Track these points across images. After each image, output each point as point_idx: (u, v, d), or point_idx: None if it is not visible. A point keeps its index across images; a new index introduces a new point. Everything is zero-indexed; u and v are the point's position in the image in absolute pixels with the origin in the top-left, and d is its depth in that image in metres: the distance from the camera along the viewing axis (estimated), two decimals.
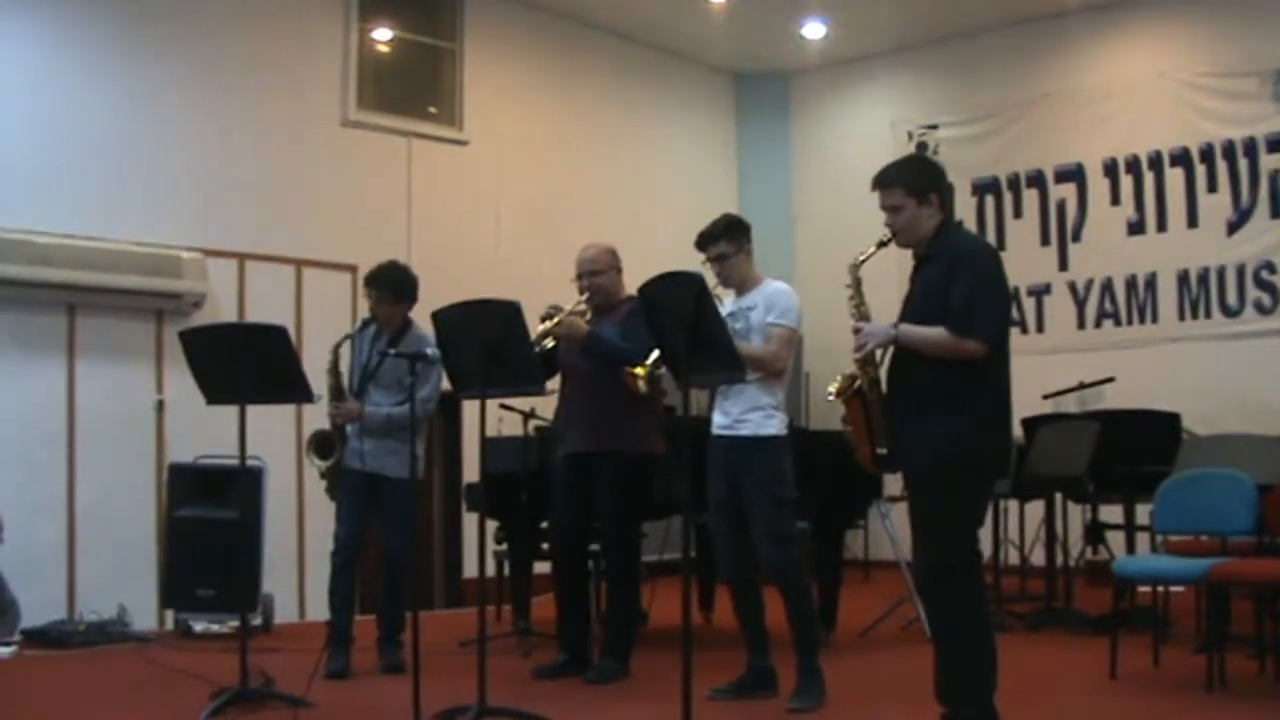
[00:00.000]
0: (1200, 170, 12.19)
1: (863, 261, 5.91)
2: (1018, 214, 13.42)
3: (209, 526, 9.22)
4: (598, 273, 7.78)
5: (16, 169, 9.67)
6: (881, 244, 5.84)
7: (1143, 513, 8.99)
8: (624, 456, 7.58)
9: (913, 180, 5.74)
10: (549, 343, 7.44)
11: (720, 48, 14.49)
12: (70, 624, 9.29)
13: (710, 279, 6.39)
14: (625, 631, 7.81)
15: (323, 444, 8.00)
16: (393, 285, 8.07)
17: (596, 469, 7.63)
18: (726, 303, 6.89)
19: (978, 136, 13.70)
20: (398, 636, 8.02)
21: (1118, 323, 12.70)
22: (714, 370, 5.94)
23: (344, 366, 8.07)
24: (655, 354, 6.54)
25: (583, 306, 7.64)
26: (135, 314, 10.16)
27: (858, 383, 5.78)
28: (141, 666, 8.32)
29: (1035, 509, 10.29)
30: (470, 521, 11.16)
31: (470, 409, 9.95)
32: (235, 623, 8.48)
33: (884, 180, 5.80)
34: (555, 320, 7.26)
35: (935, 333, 5.51)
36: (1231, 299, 11.98)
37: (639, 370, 7.03)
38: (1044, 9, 13.10)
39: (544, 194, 12.90)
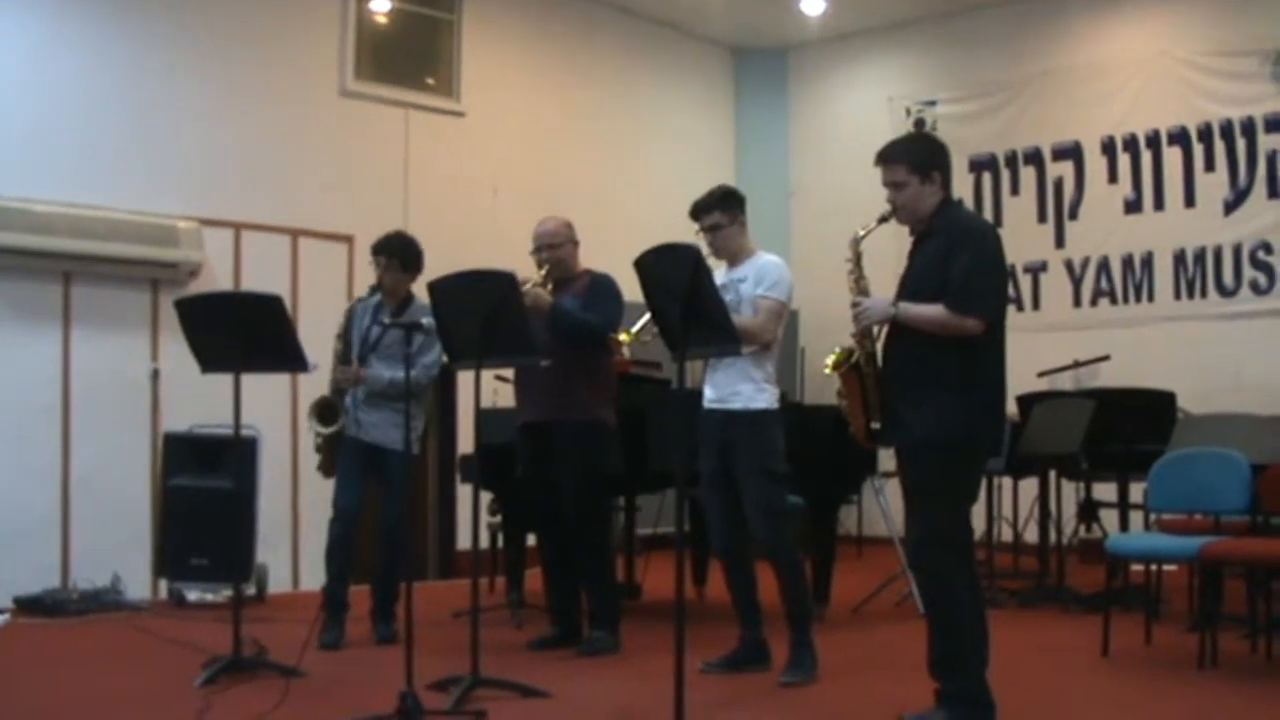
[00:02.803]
0: (1198, 150, 12.17)
1: (863, 237, 5.89)
2: (1015, 191, 13.41)
3: (203, 496, 9.24)
4: (556, 245, 7.81)
5: (14, 138, 9.65)
6: (882, 219, 5.82)
7: (1136, 491, 8.98)
8: (575, 425, 7.61)
9: (916, 157, 5.72)
10: None
11: (719, 21, 14.46)
12: (64, 592, 9.31)
13: (703, 249, 6.37)
14: (608, 601, 7.83)
15: (325, 410, 8.01)
16: (400, 253, 8.09)
17: (550, 437, 7.66)
18: (718, 274, 6.85)
19: (976, 113, 13.68)
20: (392, 608, 8.04)
21: (1114, 301, 12.70)
22: (709, 343, 5.93)
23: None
24: (644, 320, 6.53)
25: (541, 279, 7.66)
26: (131, 283, 10.15)
27: (854, 357, 5.77)
28: (135, 635, 8.35)
29: (1029, 486, 10.28)
30: (464, 493, 11.16)
31: (465, 380, 9.94)
32: (229, 592, 8.50)
33: (887, 156, 5.78)
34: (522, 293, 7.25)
35: (934, 310, 5.50)
36: (1228, 279, 11.97)
37: (623, 337, 7.04)
38: None
39: (541, 166, 12.89)
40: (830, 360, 5.88)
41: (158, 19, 10.46)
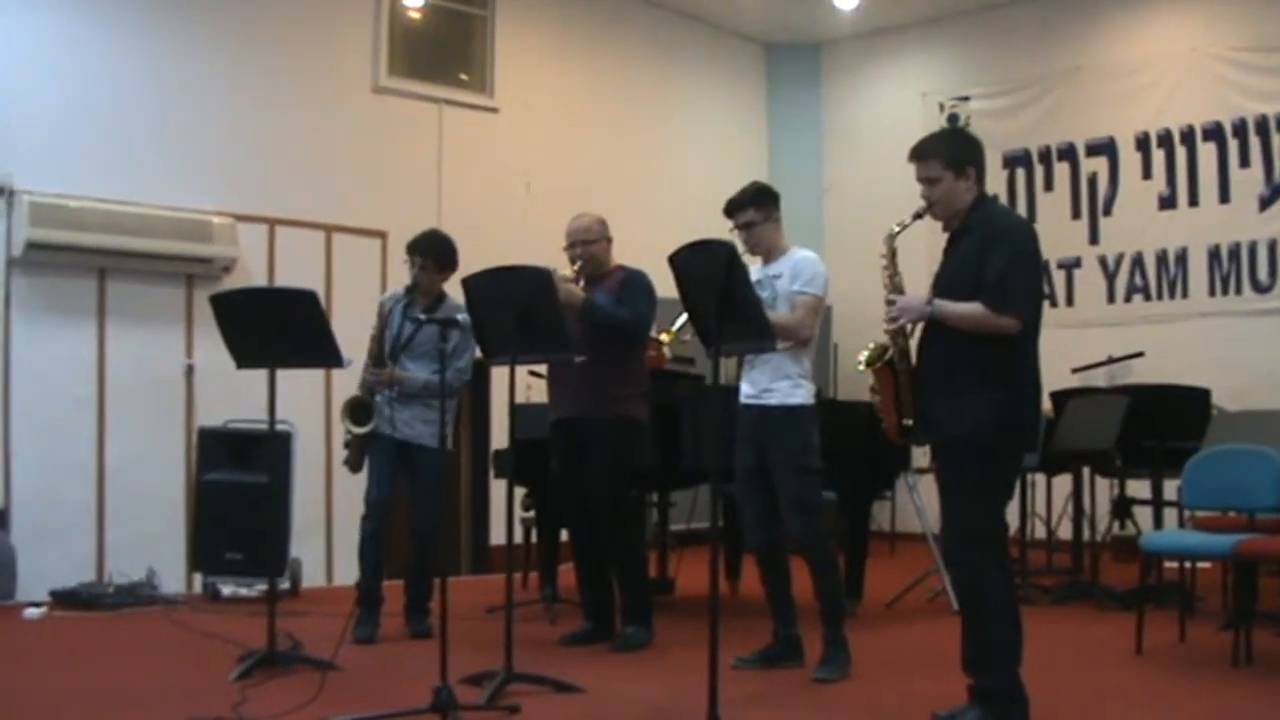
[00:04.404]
0: (1233, 145, 12.12)
1: (898, 233, 5.89)
2: (1048, 187, 13.37)
3: (238, 490, 9.26)
4: (590, 241, 7.82)
5: (49, 134, 9.71)
6: (917, 215, 5.82)
7: (1170, 488, 8.95)
8: (606, 421, 7.61)
9: (951, 152, 5.70)
10: None
11: (752, 16, 14.46)
12: (99, 586, 9.36)
13: (738, 246, 6.37)
14: (640, 594, 7.84)
15: (358, 410, 8.01)
16: (437, 253, 8.09)
17: (582, 433, 7.67)
18: (753, 270, 6.86)
19: (1009, 109, 13.65)
20: (425, 603, 8.06)
21: (1148, 297, 12.65)
22: (744, 339, 5.94)
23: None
24: (683, 318, 6.54)
25: (574, 274, 7.66)
26: (166, 278, 10.20)
27: (888, 353, 5.77)
28: (170, 629, 8.38)
29: (1063, 483, 10.27)
30: (498, 488, 11.19)
31: (499, 376, 9.97)
32: (263, 586, 8.53)
33: (921, 152, 5.76)
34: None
35: (971, 308, 5.48)
36: (1262, 275, 11.92)
37: (664, 337, 7.04)
38: None
39: (574, 161, 12.90)
40: (864, 357, 5.88)
41: (192, 15, 10.50)
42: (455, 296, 7.76)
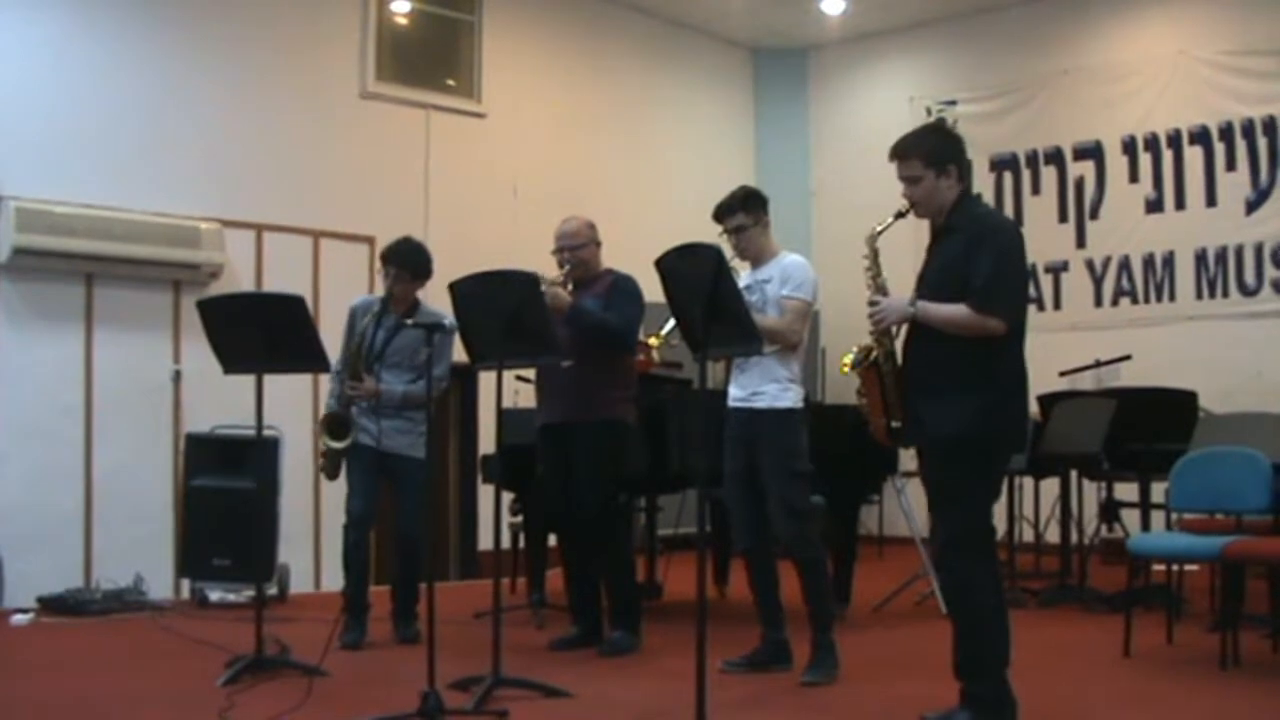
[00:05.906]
0: (1219, 149, 12.14)
1: (880, 233, 5.88)
2: (1036, 191, 13.39)
3: (225, 496, 9.27)
4: (578, 245, 7.79)
5: (36, 139, 9.70)
6: (899, 215, 5.80)
7: (1158, 490, 8.99)
8: (593, 425, 7.59)
9: (930, 150, 5.69)
10: None
11: (739, 22, 14.45)
12: (87, 592, 9.35)
13: (727, 251, 6.36)
14: (628, 600, 7.83)
15: (335, 425, 7.96)
16: (411, 262, 8.04)
17: (570, 438, 7.66)
18: (742, 275, 6.86)
19: (996, 113, 13.66)
20: (413, 609, 8.05)
21: (1135, 301, 12.68)
22: (732, 343, 5.93)
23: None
24: (671, 324, 6.54)
25: (561, 278, 7.65)
26: (153, 284, 10.19)
27: (873, 354, 5.76)
28: (157, 635, 8.37)
29: (1050, 486, 10.27)
30: (486, 493, 11.19)
31: (487, 381, 9.95)
32: (251, 592, 8.51)
33: (901, 151, 5.75)
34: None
35: (955, 310, 5.47)
36: (1249, 278, 11.95)
37: (653, 341, 7.04)
38: None
39: (562, 167, 12.90)
40: (847, 359, 5.88)
41: (179, 21, 10.51)
42: (430, 303, 7.80)
